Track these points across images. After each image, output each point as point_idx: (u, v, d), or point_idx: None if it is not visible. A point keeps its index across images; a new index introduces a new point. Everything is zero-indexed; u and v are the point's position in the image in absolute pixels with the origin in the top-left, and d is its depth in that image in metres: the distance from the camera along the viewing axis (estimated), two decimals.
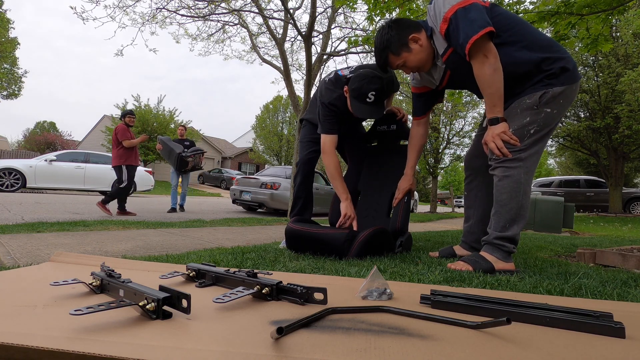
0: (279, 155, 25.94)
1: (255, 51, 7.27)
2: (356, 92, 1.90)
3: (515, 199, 1.52)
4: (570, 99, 1.57)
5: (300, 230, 1.89)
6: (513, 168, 1.53)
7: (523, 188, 1.52)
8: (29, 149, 25.04)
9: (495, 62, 1.45)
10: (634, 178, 22.85)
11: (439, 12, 1.53)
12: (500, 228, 1.55)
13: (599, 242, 3.43)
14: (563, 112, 1.59)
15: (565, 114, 13.53)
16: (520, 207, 1.53)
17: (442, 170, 15.31)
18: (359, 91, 1.89)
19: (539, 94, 1.53)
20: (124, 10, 6.14)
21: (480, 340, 0.67)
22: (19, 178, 8.42)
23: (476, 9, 1.46)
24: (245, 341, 0.63)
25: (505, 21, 1.55)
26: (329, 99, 2.06)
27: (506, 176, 1.54)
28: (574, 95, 1.59)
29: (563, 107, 1.55)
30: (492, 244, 1.56)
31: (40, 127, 38.37)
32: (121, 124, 4.91)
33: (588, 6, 2.73)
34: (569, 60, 1.54)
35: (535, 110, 1.53)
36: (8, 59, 16.32)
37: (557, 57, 1.53)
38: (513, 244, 1.55)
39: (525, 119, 1.54)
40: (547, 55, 1.53)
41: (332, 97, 2.05)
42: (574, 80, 1.54)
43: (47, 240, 2.29)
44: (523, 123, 1.54)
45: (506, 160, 1.54)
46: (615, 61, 10.95)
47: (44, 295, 0.88)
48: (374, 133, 2.42)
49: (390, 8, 3.43)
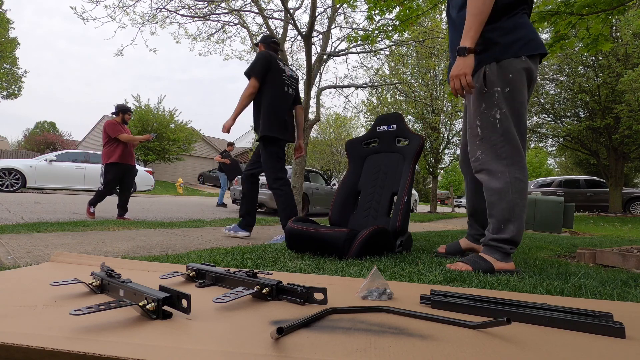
0: None
1: (256, 51, 7.27)
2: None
3: (504, 200, 1.48)
4: (524, 75, 1.43)
5: (301, 230, 1.89)
6: (494, 171, 1.49)
7: (513, 186, 1.46)
8: (29, 149, 25.02)
9: None
10: (634, 178, 22.86)
11: None
12: (495, 230, 1.54)
13: (599, 242, 3.43)
14: (522, 85, 1.45)
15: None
16: (512, 206, 1.47)
17: (442, 170, 15.31)
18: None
19: (481, 73, 1.47)
20: (124, 10, 6.14)
21: (480, 340, 0.67)
22: (19, 178, 8.42)
23: None
24: (245, 341, 0.63)
25: None
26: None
27: (490, 178, 1.51)
28: (531, 71, 1.46)
29: (515, 82, 1.43)
30: (489, 245, 1.56)
31: (40, 127, 38.35)
32: (112, 120, 4.36)
33: (588, 6, 2.73)
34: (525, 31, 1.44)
35: (486, 93, 1.46)
36: (8, 59, 16.31)
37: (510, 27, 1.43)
38: (510, 245, 1.52)
39: (481, 105, 1.48)
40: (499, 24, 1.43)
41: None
42: (516, 55, 1.42)
43: (47, 240, 2.29)
44: (481, 110, 1.48)
45: (485, 162, 1.50)
46: (615, 61, 10.95)
47: (44, 295, 0.88)
48: (374, 133, 2.42)
49: (391, 7, 3.43)
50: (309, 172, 8.09)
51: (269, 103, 2.70)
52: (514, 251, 1.57)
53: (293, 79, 2.94)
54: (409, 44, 7.60)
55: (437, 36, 7.37)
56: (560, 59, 11.70)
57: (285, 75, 2.83)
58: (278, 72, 2.76)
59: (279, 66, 2.78)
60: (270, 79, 2.72)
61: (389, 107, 12.50)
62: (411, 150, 2.21)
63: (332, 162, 24.81)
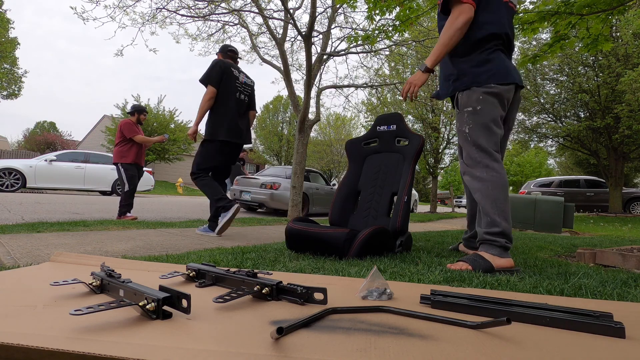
0: (279, 155, 25.94)
1: (255, 51, 7.26)
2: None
3: (487, 197, 1.64)
4: (494, 97, 1.70)
5: (301, 229, 1.89)
6: (473, 173, 1.71)
7: (491, 183, 1.64)
8: (29, 149, 25.02)
9: (462, 24, 1.66)
10: (634, 178, 22.86)
11: None
12: (486, 225, 1.64)
13: (599, 242, 3.43)
14: (491, 105, 1.71)
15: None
16: (494, 200, 1.62)
17: (442, 170, 15.31)
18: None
19: (455, 98, 1.82)
20: (124, 10, 6.13)
21: (480, 340, 0.67)
22: (19, 178, 8.42)
23: None
24: (245, 341, 0.63)
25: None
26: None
27: (472, 179, 1.71)
28: (501, 95, 1.71)
29: (484, 103, 1.71)
30: (484, 240, 1.64)
31: (40, 127, 38.36)
32: (128, 120, 4.35)
33: (588, 6, 2.73)
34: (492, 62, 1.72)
35: (459, 113, 1.78)
36: (8, 59, 16.30)
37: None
38: (505, 238, 1.60)
39: (457, 123, 1.81)
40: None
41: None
42: (486, 82, 1.70)
43: (47, 240, 2.29)
44: (458, 128, 1.80)
45: (467, 167, 1.74)
46: (615, 61, 10.94)
47: (44, 295, 0.88)
48: (374, 133, 2.42)
49: (391, 7, 3.43)
50: (309, 172, 8.09)
51: (220, 109, 2.93)
52: (511, 245, 1.63)
53: (247, 86, 3.13)
54: (409, 44, 7.60)
55: (437, 36, 7.37)
56: (560, 59, 11.70)
57: (238, 82, 3.04)
58: (231, 80, 2.97)
59: (233, 74, 2.99)
60: (224, 86, 2.93)
61: (389, 107, 12.49)
62: (411, 150, 2.21)
63: (332, 162, 24.80)
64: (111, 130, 18.25)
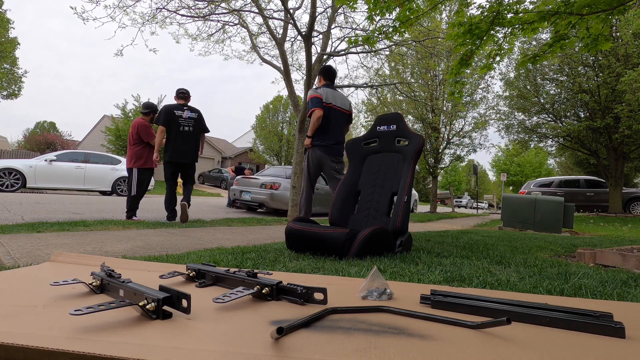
0: (279, 155, 25.93)
1: (255, 51, 7.26)
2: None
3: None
4: (316, 156, 3.06)
5: (301, 229, 1.89)
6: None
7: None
8: (29, 149, 25.02)
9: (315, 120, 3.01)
10: (634, 178, 22.84)
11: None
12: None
13: (599, 242, 3.43)
14: (313, 163, 3.09)
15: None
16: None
17: (442, 170, 15.30)
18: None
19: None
20: (124, 10, 6.13)
21: (480, 340, 0.67)
22: (19, 178, 8.42)
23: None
24: (245, 341, 0.62)
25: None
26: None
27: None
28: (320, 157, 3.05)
29: (311, 158, 3.10)
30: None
31: (40, 127, 38.37)
32: (142, 120, 4.20)
33: (588, 6, 2.72)
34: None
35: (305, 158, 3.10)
36: (8, 59, 16.30)
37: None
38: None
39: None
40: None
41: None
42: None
43: (47, 240, 2.29)
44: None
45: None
46: (615, 61, 10.94)
47: (44, 295, 0.88)
48: (374, 133, 2.42)
49: (391, 8, 3.43)
50: None
51: (169, 140, 4.09)
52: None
53: (191, 119, 4.18)
54: (409, 44, 7.59)
55: (437, 36, 7.37)
56: (560, 59, 11.69)
57: (182, 119, 4.11)
58: (175, 119, 4.06)
59: (175, 114, 4.07)
60: (171, 125, 4.04)
61: (389, 107, 12.49)
62: (411, 150, 2.21)
63: None
64: (111, 130, 18.23)
